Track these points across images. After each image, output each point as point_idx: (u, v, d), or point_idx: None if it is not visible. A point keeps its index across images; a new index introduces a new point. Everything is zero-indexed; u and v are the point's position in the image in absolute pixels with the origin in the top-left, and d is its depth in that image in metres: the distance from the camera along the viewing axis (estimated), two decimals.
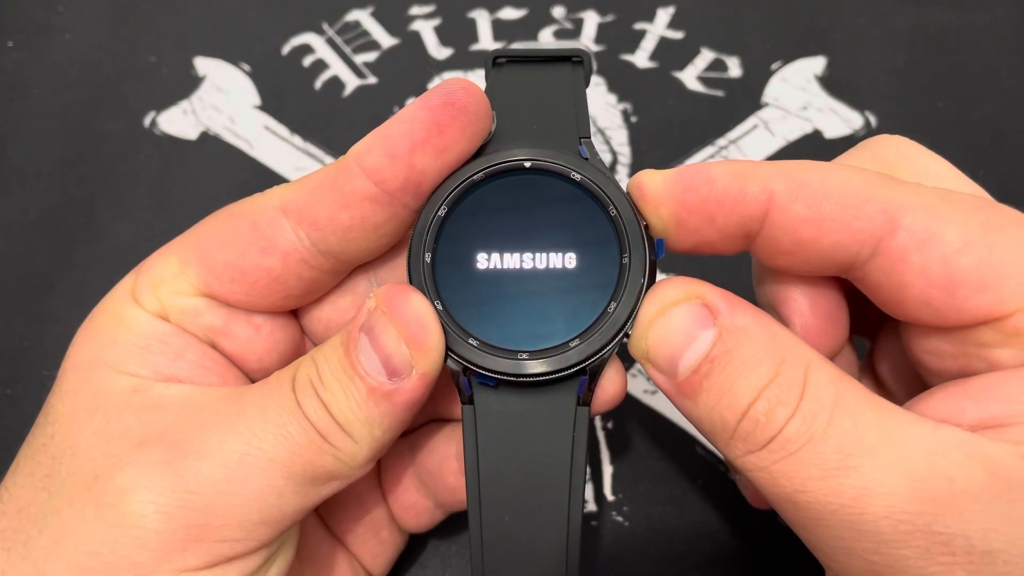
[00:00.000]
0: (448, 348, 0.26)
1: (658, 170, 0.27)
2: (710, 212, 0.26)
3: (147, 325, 0.28)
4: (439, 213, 0.27)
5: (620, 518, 0.39)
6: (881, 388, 0.33)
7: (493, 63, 0.29)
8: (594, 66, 0.43)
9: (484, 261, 0.27)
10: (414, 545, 0.38)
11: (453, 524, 0.38)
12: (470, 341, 0.26)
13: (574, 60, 0.29)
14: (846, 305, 0.30)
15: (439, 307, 0.26)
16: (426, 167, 0.26)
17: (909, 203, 0.25)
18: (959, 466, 0.23)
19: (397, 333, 0.25)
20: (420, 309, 0.26)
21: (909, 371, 0.30)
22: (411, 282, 0.27)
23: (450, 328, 0.26)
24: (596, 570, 0.37)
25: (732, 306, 0.25)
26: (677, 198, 0.26)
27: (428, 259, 0.27)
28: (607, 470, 0.40)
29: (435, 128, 0.25)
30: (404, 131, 0.25)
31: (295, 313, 0.30)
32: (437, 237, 0.27)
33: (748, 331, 0.25)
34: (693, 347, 0.25)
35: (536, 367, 0.26)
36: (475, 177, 0.27)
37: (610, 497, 0.39)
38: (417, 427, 0.34)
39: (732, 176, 0.26)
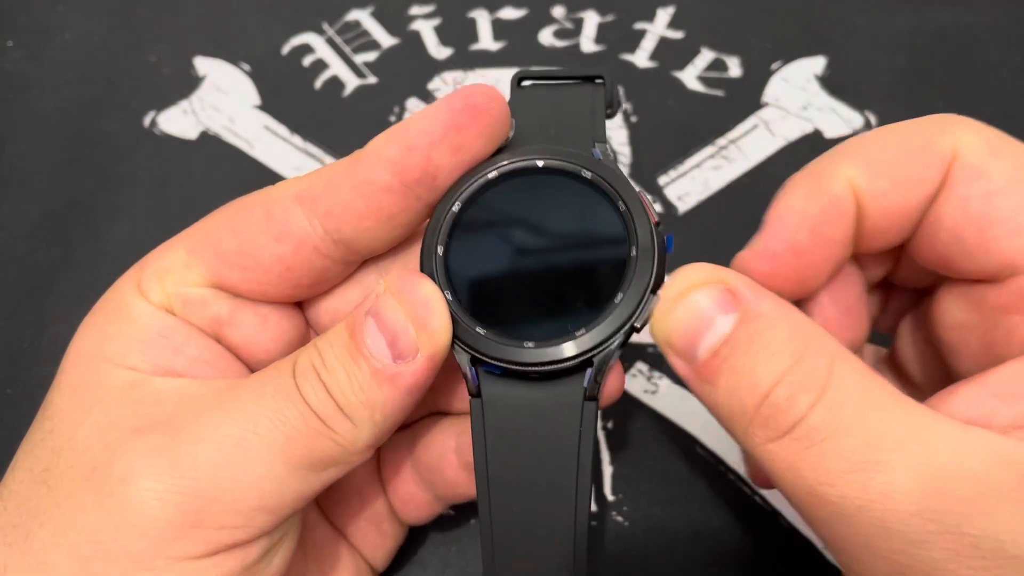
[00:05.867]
0: (455, 336, 0.26)
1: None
2: (815, 258, 0.27)
3: (150, 318, 0.28)
4: (453, 208, 0.27)
5: (620, 518, 0.39)
6: (903, 380, 0.33)
7: (518, 84, 0.30)
8: (618, 89, 0.42)
9: (494, 255, 0.27)
10: (415, 545, 0.37)
11: (454, 524, 0.38)
12: (477, 330, 0.26)
13: (596, 81, 0.30)
14: (866, 300, 0.29)
15: (448, 297, 0.27)
16: (442, 163, 0.27)
17: (968, 141, 0.25)
18: (989, 467, 0.22)
19: (405, 313, 0.26)
20: (429, 292, 0.26)
21: (932, 362, 0.30)
22: (422, 271, 0.27)
23: (458, 317, 0.27)
24: (596, 570, 0.37)
25: (755, 292, 0.25)
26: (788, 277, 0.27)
27: (440, 252, 0.27)
28: (607, 470, 0.40)
29: (454, 127, 0.26)
30: (424, 127, 0.26)
31: (301, 307, 0.31)
32: (450, 232, 0.27)
33: (770, 317, 0.24)
34: (713, 330, 0.25)
35: (542, 356, 0.26)
36: (489, 175, 0.28)
37: (610, 497, 0.39)
38: (416, 420, 0.34)
39: (813, 221, 0.26)
